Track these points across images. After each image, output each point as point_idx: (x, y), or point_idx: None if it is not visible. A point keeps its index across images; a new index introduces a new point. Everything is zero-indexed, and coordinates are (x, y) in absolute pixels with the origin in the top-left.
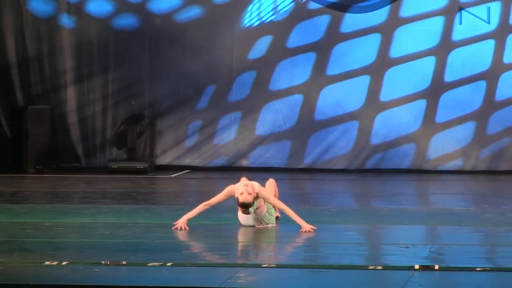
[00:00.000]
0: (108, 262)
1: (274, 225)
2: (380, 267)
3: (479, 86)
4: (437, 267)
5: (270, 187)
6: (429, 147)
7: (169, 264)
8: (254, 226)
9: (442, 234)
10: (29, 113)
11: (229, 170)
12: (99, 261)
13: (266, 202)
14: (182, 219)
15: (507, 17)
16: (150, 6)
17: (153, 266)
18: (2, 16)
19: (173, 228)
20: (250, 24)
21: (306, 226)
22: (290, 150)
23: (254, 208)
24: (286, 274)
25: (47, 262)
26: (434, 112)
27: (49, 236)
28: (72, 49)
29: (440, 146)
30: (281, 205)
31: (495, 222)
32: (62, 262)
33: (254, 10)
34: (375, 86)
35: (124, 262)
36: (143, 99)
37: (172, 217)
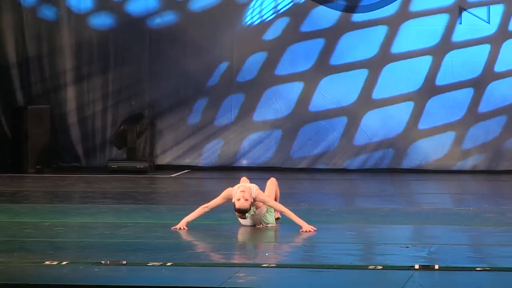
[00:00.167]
0: (108, 262)
1: (274, 224)
2: (380, 267)
3: (479, 86)
4: (437, 267)
5: (271, 187)
6: (429, 147)
7: (169, 264)
8: (254, 226)
9: (442, 234)
10: (29, 113)
11: (229, 170)
12: (99, 261)
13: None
14: (181, 222)
15: (507, 21)
16: (150, 6)
17: (153, 266)
18: (2, 16)
19: (172, 228)
20: (251, 22)
21: (306, 227)
22: (290, 150)
23: (251, 213)
24: (286, 274)
25: (47, 262)
26: (434, 112)
27: (49, 236)
28: (72, 49)
29: (440, 146)
30: (280, 207)
31: (495, 222)
32: (62, 262)
33: (256, 7)
34: (380, 82)
35: (124, 262)
36: (143, 99)
37: (172, 217)
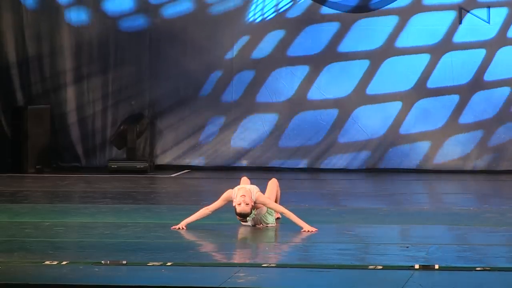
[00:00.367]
0: (108, 262)
1: (274, 224)
2: (380, 267)
3: (479, 85)
4: (437, 267)
5: (271, 188)
6: (429, 147)
7: (169, 263)
8: (254, 226)
9: (442, 234)
10: (29, 113)
11: (229, 170)
12: (99, 260)
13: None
14: (182, 223)
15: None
16: (151, 5)
17: (153, 265)
18: (2, 16)
19: (172, 227)
20: (253, 19)
21: (307, 228)
22: (290, 150)
23: (252, 217)
24: (286, 274)
25: (47, 262)
26: (434, 111)
27: (49, 235)
28: (72, 49)
29: (440, 145)
30: (281, 209)
31: (495, 222)
32: (62, 262)
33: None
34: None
35: (124, 262)
36: (143, 99)
37: (172, 217)
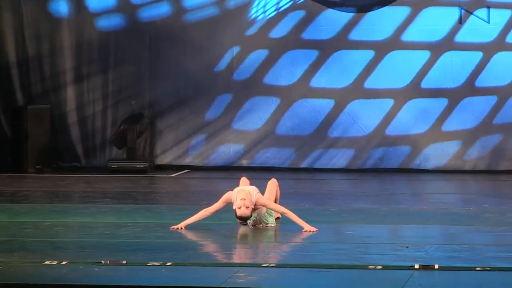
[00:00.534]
0: (108, 262)
1: (274, 224)
2: (380, 267)
3: (479, 85)
4: (437, 267)
5: (271, 188)
6: (429, 147)
7: (169, 263)
8: (254, 226)
9: (442, 234)
10: (29, 112)
11: (229, 170)
12: (99, 260)
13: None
14: (181, 223)
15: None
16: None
17: (153, 265)
18: (2, 16)
19: (171, 227)
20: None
21: (308, 227)
22: (290, 150)
23: (252, 219)
24: (286, 274)
25: (47, 262)
26: (434, 111)
27: (49, 235)
28: (72, 48)
29: (440, 145)
30: (281, 209)
31: (495, 222)
32: (62, 262)
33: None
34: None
35: (124, 262)
36: (143, 99)
37: (172, 217)
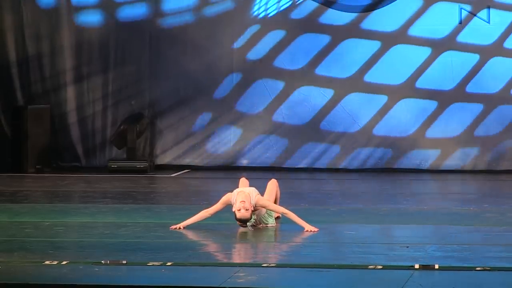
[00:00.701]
0: (108, 262)
1: (274, 224)
2: (380, 267)
3: (479, 84)
4: (437, 267)
5: (271, 189)
6: (429, 147)
7: (169, 263)
8: (254, 226)
9: (442, 234)
10: (29, 112)
11: (229, 169)
12: (99, 260)
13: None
14: (180, 224)
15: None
16: (151, 5)
17: (153, 265)
18: (2, 15)
19: (171, 227)
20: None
21: (308, 227)
22: (290, 149)
23: (252, 221)
24: (286, 274)
25: (47, 262)
26: (434, 111)
27: (49, 235)
28: (72, 48)
29: (440, 145)
30: (281, 209)
31: (495, 222)
32: (62, 262)
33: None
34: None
35: (124, 262)
36: (143, 99)
37: (172, 216)
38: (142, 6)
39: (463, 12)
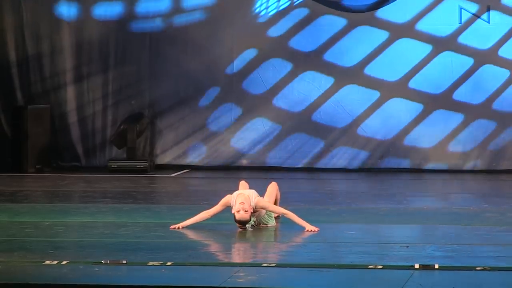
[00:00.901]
0: (108, 262)
1: (274, 224)
2: (380, 267)
3: (479, 84)
4: (437, 267)
5: (271, 192)
6: (429, 146)
7: (169, 263)
8: (254, 226)
9: (442, 234)
10: (29, 112)
11: (229, 169)
12: (99, 260)
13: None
14: (180, 224)
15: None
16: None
17: (153, 265)
18: (2, 15)
19: (171, 227)
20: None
21: (309, 227)
22: (290, 149)
23: (251, 223)
24: (286, 274)
25: (47, 262)
26: (433, 111)
27: (49, 235)
28: (72, 48)
29: (440, 145)
30: (281, 210)
31: (495, 222)
32: (62, 262)
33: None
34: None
35: (124, 262)
36: (143, 99)
37: (172, 216)
38: (142, 6)
39: (466, 13)
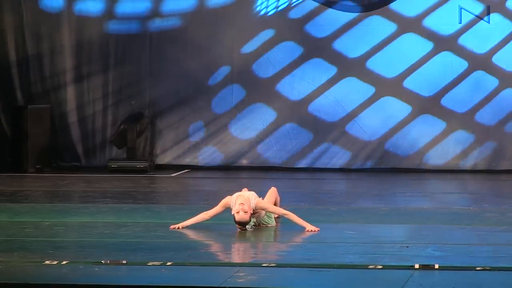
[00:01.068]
0: (108, 262)
1: (274, 224)
2: (380, 267)
3: (478, 84)
4: (437, 267)
5: (270, 195)
6: (429, 146)
7: (169, 263)
8: (254, 226)
9: (442, 234)
10: (29, 112)
11: (229, 169)
12: (99, 260)
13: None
14: (179, 225)
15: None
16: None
17: (153, 265)
18: (2, 15)
19: (171, 227)
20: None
21: (309, 227)
22: (290, 149)
23: (251, 224)
24: (286, 274)
25: (47, 262)
26: (434, 111)
27: (49, 235)
28: (72, 48)
29: (440, 145)
30: (281, 211)
31: (495, 222)
32: (62, 262)
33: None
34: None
35: (124, 262)
36: (143, 98)
37: (172, 216)
38: (142, 6)
39: (468, 14)
